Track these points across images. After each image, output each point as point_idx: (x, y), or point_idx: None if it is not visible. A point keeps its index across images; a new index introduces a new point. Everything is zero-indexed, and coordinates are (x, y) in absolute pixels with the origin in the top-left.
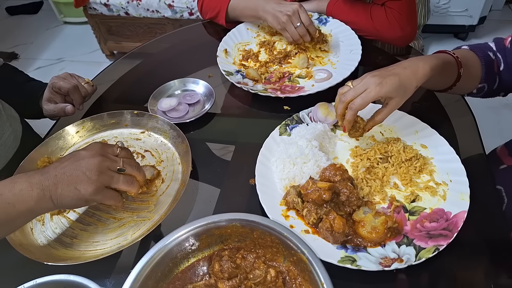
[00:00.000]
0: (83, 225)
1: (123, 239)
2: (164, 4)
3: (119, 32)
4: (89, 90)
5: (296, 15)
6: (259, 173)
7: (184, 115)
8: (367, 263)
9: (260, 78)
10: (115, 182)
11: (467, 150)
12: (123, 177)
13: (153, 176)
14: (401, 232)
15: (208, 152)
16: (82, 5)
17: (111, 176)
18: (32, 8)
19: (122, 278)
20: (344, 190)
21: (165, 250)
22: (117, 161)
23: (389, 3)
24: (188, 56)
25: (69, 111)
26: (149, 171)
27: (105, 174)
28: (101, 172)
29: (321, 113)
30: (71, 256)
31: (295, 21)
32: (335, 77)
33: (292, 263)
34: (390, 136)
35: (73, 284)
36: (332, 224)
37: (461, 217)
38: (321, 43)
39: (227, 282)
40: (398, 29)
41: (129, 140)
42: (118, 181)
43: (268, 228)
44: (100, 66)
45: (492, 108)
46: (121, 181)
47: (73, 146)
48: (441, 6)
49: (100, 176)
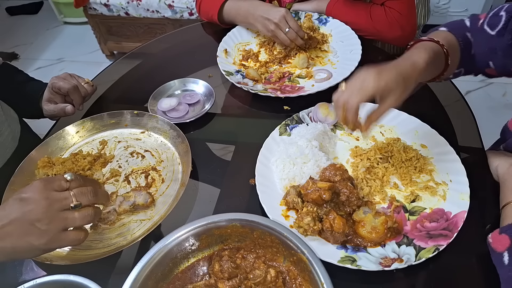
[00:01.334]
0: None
1: (123, 239)
2: (164, 4)
3: (119, 32)
4: (89, 90)
5: (283, 21)
6: (259, 173)
7: (184, 115)
8: (367, 263)
9: (260, 78)
10: (71, 223)
11: (467, 150)
12: (78, 214)
13: (146, 203)
14: (401, 232)
15: (208, 152)
16: (82, 5)
17: (65, 218)
18: (32, 8)
19: (122, 278)
20: (344, 190)
21: (165, 250)
22: (68, 197)
23: (388, 3)
24: (188, 56)
25: (69, 111)
26: (143, 197)
27: (56, 219)
28: (51, 219)
29: (321, 113)
30: (70, 256)
31: (283, 28)
32: (335, 77)
33: (292, 263)
34: (390, 136)
35: (73, 284)
36: (332, 224)
37: (461, 217)
38: (321, 43)
39: (227, 282)
40: (398, 29)
41: (129, 140)
42: (75, 221)
43: (268, 228)
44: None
45: (492, 108)
46: (78, 219)
47: (73, 146)
48: (441, 6)
49: (51, 224)
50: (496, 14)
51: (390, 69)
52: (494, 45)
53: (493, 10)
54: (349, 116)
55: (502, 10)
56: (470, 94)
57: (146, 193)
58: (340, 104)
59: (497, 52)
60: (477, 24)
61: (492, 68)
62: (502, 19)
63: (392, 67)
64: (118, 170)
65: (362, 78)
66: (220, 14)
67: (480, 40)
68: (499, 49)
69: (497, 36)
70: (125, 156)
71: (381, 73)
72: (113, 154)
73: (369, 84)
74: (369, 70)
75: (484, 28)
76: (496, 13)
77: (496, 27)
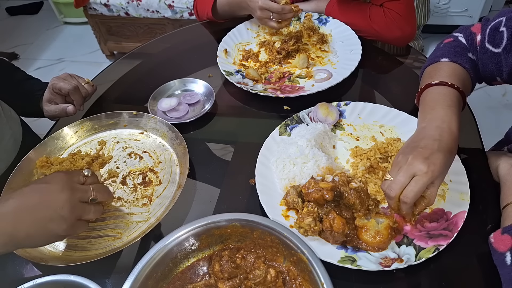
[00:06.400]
0: None
1: (119, 241)
2: (164, 4)
3: (119, 32)
4: (90, 90)
5: (264, 12)
6: (259, 173)
7: (184, 115)
8: (367, 263)
9: (260, 78)
10: (86, 214)
11: (467, 150)
12: (94, 208)
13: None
14: (401, 232)
15: (208, 152)
16: (82, 5)
17: (83, 208)
18: (32, 8)
19: (122, 278)
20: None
21: (165, 250)
22: (87, 190)
23: (387, 4)
24: (188, 56)
25: (70, 111)
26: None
27: (77, 208)
28: (73, 207)
29: (321, 113)
30: (66, 257)
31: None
32: (335, 77)
33: (292, 263)
34: (390, 136)
35: (73, 284)
36: (331, 224)
37: (461, 217)
38: (321, 43)
39: (227, 282)
40: (397, 29)
41: (128, 140)
42: (90, 212)
43: (268, 228)
44: (100, 66)
45: (492, 108)
46: (92, 212)
47: (72, 146)
48: (441, 6)
49: (72, 212)
50: (495, 30)
51: (439, 154)
52: (500, 62)
53: (489, 25)
54: (404, 208)
55: (501, 26)
56: (470, 94)
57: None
58: (394, 196)
59: (502, 70)
60: (474, 40)
61: (498, 81)
62: (504, 36)
63: (439, 152)
64: (116, 171)
65: (411, 172)
66: (214, 8)
67: (485, 59)
68: (505, 65)
69: (503, 53)
70: (123, 157)
71: (430, 159)
72: (111, 154)
73: (422, 180)
74: (414, 156)
75: (487, 47)
76: (494, 28)
77: (500, 44)
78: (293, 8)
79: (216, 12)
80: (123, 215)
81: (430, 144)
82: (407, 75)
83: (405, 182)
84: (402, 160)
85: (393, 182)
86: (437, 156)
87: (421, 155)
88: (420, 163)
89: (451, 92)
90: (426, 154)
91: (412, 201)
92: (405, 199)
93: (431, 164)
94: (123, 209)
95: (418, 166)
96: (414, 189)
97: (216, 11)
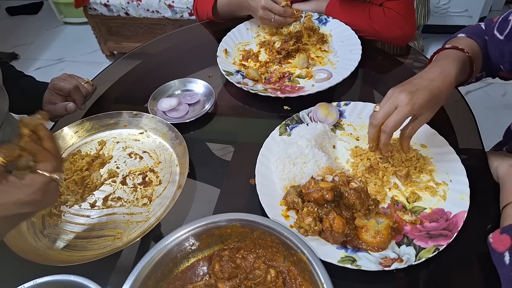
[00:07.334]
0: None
1: (119, 241)
2: (164, 5)
3: (119, 32)
4: (90, 89)
5: (266, 12)
6: (259, 173)
7: (184, 115)
8: (367, 263)
9: (260, 78)
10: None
11: (467, 150)
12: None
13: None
14: (401, 232)
15: (208, 152)
16: (82, 5)
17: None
18: (32, 8)
19: (122, 278)
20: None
21: (165, 250)
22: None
23: (387, 4)
24: (188, 56)
25: (71, 109)
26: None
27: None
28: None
29: (321, 113)
30: (70, 256)
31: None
32: (335, 77)
33: (292, 263)
34: None
35: (73, 284)
36: (331, 224)
37: (461, 217)
38: (321, 43)
39: (227, 282)
40: (397, 29)
41: (128, 140)
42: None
43: (268, 228)
44: (100, 66)
45: (492, 108)
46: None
47: (72, 146)
48: (441, 6)
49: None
50: (505, 19)
51: (423, 92)
52: (502, 49)
53: (503, 14)
54: (383, 138)
55: (510, 15)
56: (470, 94)
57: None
58: (376, 124)
59: (504, 57)
60: (490, 27)
61: (504, 71)
62: (509, 24)
63: (424, 90)
64: (116, 171)
65: (395, 103)
66: (215, 8)
67: (492, 45)
68: (507, 53)
69: (505, 41)
70: (123, 157)
71: (413, 98)
72: (111, 154)
73: (403, 111)
74: (402, 89)
75: (495, 33)
76: (505, 17)
77: (504, 31)
78: (295, 12)
79: (216, 12)
80: (123, 215)
81: (420, 82)
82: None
83: (389, 112)
84: (394, 93)
85: (377, 112)
86: (423, 92)
87: (408, 89)
88: (404, 95)
89: (461, 54)
90: (413, 89)
91: (391, 131)
92: (384, 128)
93: (414, 97)
94: (123, 209)
95: (401, 98)
96: (394, 118)
97: (217, 11)
